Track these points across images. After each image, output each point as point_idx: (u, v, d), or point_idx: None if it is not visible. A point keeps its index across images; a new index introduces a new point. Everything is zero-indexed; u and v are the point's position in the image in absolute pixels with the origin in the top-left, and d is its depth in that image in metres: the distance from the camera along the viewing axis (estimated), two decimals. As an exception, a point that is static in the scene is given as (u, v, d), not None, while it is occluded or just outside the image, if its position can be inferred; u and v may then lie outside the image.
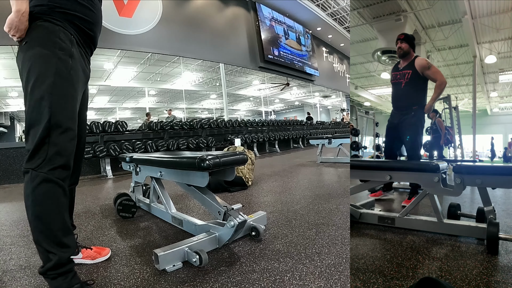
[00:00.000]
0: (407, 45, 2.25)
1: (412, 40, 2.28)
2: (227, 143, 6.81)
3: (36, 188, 0.95)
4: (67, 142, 1.01)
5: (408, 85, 2.22)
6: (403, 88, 2.24)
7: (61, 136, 0.98)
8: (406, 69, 2.24)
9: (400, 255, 1.35)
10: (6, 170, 4.25)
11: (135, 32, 6.43)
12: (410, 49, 2.25)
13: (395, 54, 6.74)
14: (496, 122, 13.95)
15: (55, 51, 1.00)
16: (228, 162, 1.34)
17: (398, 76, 2.27)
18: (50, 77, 0.97)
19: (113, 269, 1.27)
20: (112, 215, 2.15)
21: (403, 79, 2.23)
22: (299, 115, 24.48)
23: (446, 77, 9.48)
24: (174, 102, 18.99)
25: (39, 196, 0.96)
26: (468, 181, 1.53)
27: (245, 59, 9.31)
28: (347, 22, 13.06)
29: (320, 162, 4.79)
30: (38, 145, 0.95)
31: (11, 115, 16.58)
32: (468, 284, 1.07)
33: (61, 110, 0.99)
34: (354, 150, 4.58)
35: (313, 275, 1.13)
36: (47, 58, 0.98)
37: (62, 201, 1.00)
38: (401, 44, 2.25)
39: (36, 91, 0.96)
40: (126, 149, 4.70)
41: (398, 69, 2.29)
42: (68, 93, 1.03)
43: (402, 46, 2.24)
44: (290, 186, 2.94)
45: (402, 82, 2.24)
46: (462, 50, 7.63)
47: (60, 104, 0.99)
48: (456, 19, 6.10)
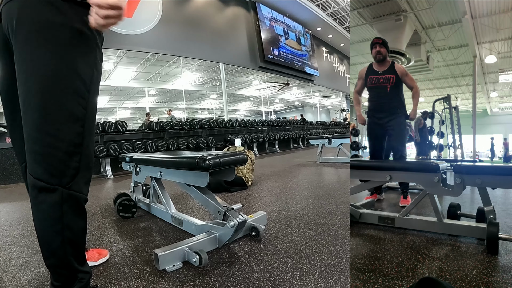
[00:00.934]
0: (385, 50, 2.28)
1: (387, 45, 2.32)
2: (227, 143, 6.81)
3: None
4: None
5: (393, 89, 2.29)
6: (389, 92, 2.29)
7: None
8: (388, 74, 2.29)
9: (400, 255, 1.35)
10: (6, 170, 4.25)
11: (135, 32, 6.43)
12: (387, 54, 2.30)
13: (395, 54, 6.72)
14: (496, 122, 13.95)
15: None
16: (228, 162, 1.34)
17: (381, 80, 2.30)
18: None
19: (113, 269, 1.27)
20: (112, 215, 2.15)
21: (388, 83, 2.28)
22: (299, 115, 24.49)
23: (446, 77, 9.51)
24: (174, 102, 18.99)
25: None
26: (468, 181, 1.53)
27: (245, 59, 9.31)
28: (347, 22, 13.05)
29: (320, 162, 4.80)
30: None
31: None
32: (468, 284, 1.07)
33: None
34: (354, 150, 4.58)
35: (313, 275, 1.13)
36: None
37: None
38: (380, 48, 2.27)
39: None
40: (126, 149, 4.70)
41: (377, 72, 2.31)
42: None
43: (381, 51, 2.26)
44: (290, 186, 2.94)
45: (387, 86, 2.29)
46: (462, 50, 7.63)
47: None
48: (456, 19, 6.10)
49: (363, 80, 2.38)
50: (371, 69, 2.35)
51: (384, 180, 1.79)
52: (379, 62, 2.31)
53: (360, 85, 2.42)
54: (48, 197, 0.81)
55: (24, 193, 3.44)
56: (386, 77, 2.28)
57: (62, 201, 0.81)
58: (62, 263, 0.84)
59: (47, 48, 0.78)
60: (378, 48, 2.26)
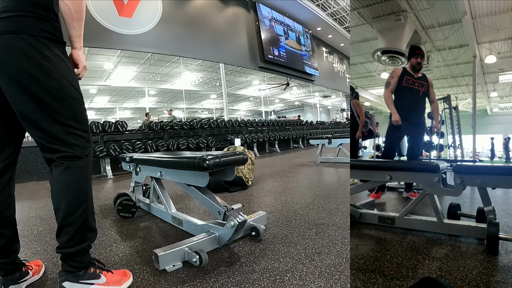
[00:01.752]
0: (423, 61, 2.45)
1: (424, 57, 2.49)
2: (227, 143, 6.81)
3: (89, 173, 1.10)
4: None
5: (423, 96, 2.46)
6: (421, 96, 2.44)
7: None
8: (423, 81, 2.43)
9: (400, 255, 1.35)
10: (6, 170, 4.25)
11: (135, 32, 6.43)
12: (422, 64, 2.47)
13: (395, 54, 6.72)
14: (496, 122, 13.95)
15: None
16: (228, 162, 1.34)
17: (416, 83, 2.42)
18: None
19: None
20: (112, 215, 2.15)
21: (422, 88, 2.43)
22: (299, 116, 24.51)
23: (446, 77, 9.51)
24: (174, 102, 18.99)
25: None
26: (468, 181, 1.53)
27: (245, 59, 9.31)
28: (347, 22, 13.05)
29: (320, 162, 4.79)
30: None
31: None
32: (468, 284, 1.07)
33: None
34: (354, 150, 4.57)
35: (313, 275, 1.13)
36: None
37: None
38: (421, 60, 2.43)
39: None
40: (126, 149, 4.70)
41: (413, 76, 2.42)
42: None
43: (421, 62, 2.42)
44: (290, 186, 2.94)
45: (420, 90, 2.43)
46: (462, 50, 7.63)
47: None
48: (456, 19, 6.10)
49: (397, 78, 2.43)
50: (407, 71, 2.45)
51: (384, 180, 1.79)
52: (417, 71, 2.44)
53: (394, 83, 2.45)
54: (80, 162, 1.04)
55: (24, 193, 3.44)
56: (420, 82, 2.42)
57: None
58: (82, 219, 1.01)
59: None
60: (420, 60, 2.41)
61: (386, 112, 15.63)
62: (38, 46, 0.94)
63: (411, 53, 2.45)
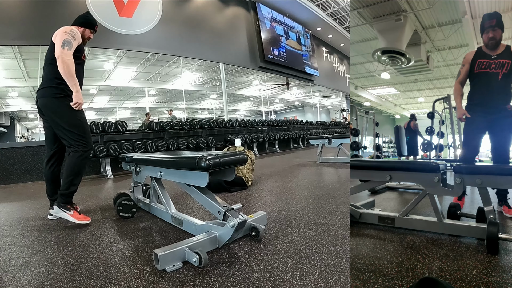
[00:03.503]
0: (500, 32, 1.87)
1: (502, 25, 1.90)
2: (227, 143, 6.81)
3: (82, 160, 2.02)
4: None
5: (505, 78, 1.87)
6: (500, 80, 1.87)
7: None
8: (503, 58, 1.87)
9: (400, 255, 1.35)
10: (6, 170, 4.24)
11: (135, 32, 6.43)
12: (502, 36, 1.89)
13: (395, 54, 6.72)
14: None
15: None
16: (228, 162, 1.34)
17: (492, 65, 1.89)
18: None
19: (113, 269, 1.27)
20: (112, 215, 2.15)
21: (501, 69, 1.86)
22: (299, 115, 24.51)
23: (446, 77, 9.49)
24: (174, 102, 18.98)
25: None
26: (468, 181, 1.53)
27: (245, 59, 9.31)
28: (347, 22, 13.05)
29: (320, 162, 4.79)
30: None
31: (11, 115, 16.56)
32: (468, 284, 1.07)
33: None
34: (354, 150, 4.58)
35: (313, 275, 1.13)
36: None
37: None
38: (494, 33, 1.88)
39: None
40: (126, 149, 4.70)
41: (490, 56, 1.93)
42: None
43: (495, 35, 1.89)
44: (290, 186, 2.94)
45: (499, 73, 1.86)
46: (462, 50, 7.62)
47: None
48: (456, 19, 6.09)
49: (468, 65, 2.00)
50: (481, 52, 1.98)
51: (384, 180, 1.79)
52: (493, 49, 1.93)
53: (464, 73, 2.02)
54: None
55: (24, 193, 3.44)
56: (499, 62, 1.89)
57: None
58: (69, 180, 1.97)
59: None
60: (492, 34, 1.89)
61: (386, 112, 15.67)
62: (56, 103, 1.96)
63: (482, 26, 1.92)
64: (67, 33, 1.92)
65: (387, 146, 11.75)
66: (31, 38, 5.18)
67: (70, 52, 1.89)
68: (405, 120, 6.77)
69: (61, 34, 1.90)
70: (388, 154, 10.79)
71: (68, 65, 1.87)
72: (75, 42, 1.94)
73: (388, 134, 12.01)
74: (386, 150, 11.17)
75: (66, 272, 1.26)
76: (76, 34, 1.97)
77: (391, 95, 11.76)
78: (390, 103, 13.25)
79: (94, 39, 2.42)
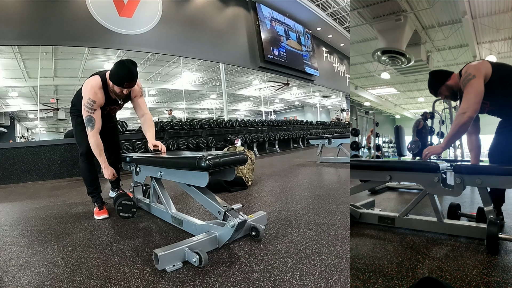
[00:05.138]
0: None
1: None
2: (227, 143, 6.81)
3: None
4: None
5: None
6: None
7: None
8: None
9: (400, 255, 1.35)
10: (6, 170, 4.24)
11: (135, 32, 6.43)
12: None
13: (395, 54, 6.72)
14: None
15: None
16: (228, 162, 1.34)
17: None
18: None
19: (113, 269, 1.27)
20: (112, 215, 2.15)
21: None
22: (299, 115, 24.50)
23: (446, 77, 9.47)
24: (174, 102, 18.97)
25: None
26: (468, 181, 1.53)
27: (245, 59, 9.30)
28: (347, 22, 13.05)
29: (320, 162, 4.79)
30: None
31: (11, 115, 16.55)
32: (468, 284, 1.07)
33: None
34: (354, 150, 4.58)
35: (313, 275, 1.13)
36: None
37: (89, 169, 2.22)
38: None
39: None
40: (126, 149, 4.70)
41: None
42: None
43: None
44: (290, 186, 2.94)
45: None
46: (462, 50, 7.62)
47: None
48: (456, 19, 6.09)
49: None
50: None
51: (384, 180, 1.79)
52: None
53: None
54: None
55: (24, 193, 3.44)
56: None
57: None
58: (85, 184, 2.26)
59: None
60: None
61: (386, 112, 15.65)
62: (78, 120, 2.16)
63: None
64: (86, 108, 1.93)
65: (387, 146, 11.75)
66: (31, 38, 5.18)
67: (93, 131, 1.95)
68: (405, 120, 6.76)
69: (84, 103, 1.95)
70: (388, 154, 10.78)
71: (93, 147, 1.99)
72: (96, 113, 1.96)
73: (388, 134, 12.01)
74: (386, 150, 11.17)
75: (66, 272, 1.26)
76: (94, 104, 1.94)
77: (391, 95, 11.76)
78: (390, 103, 13.25)
79: (94, 39, 2.43)
